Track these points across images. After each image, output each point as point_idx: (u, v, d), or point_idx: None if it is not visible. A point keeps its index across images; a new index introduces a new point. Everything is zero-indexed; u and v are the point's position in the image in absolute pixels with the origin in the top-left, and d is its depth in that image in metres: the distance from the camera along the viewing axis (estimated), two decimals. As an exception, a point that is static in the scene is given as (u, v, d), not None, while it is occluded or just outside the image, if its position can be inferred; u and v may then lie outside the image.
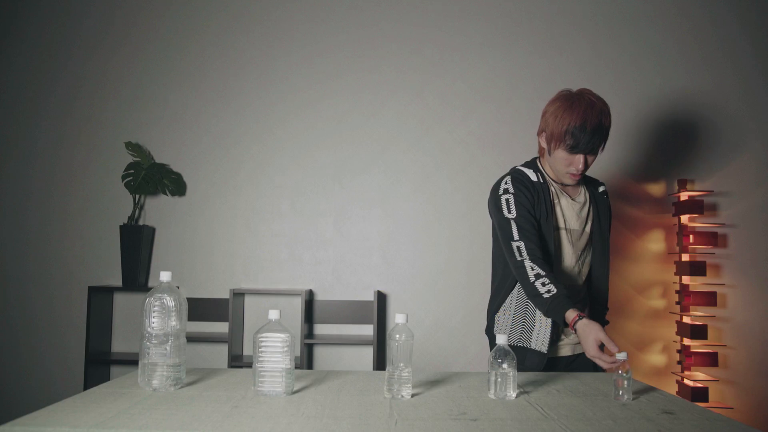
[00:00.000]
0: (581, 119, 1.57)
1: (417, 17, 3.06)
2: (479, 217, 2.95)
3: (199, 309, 2.96)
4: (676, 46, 3.01)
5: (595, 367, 1.70)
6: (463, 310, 2.93)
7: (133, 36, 3.11)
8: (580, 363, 1.71)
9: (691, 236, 2.81)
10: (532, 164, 1.76)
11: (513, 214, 1.63)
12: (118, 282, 2.98)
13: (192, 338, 2.73)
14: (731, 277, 2.87)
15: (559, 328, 1.67)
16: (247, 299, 3.00)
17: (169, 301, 1.27)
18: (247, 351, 2.94)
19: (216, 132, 3.07)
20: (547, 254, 1.62)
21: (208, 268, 3.01)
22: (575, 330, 1.44)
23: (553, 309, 1.48)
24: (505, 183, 1.69)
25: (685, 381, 2.70)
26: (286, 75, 3.07)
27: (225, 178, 3.05)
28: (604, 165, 2.97)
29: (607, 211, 1.77)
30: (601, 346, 1.42)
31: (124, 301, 3.03)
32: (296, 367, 1.73)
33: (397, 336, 1.23)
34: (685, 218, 2.84)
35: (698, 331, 2.67)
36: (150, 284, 2.98)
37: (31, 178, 3.07)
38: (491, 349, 1.77)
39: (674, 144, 2.97)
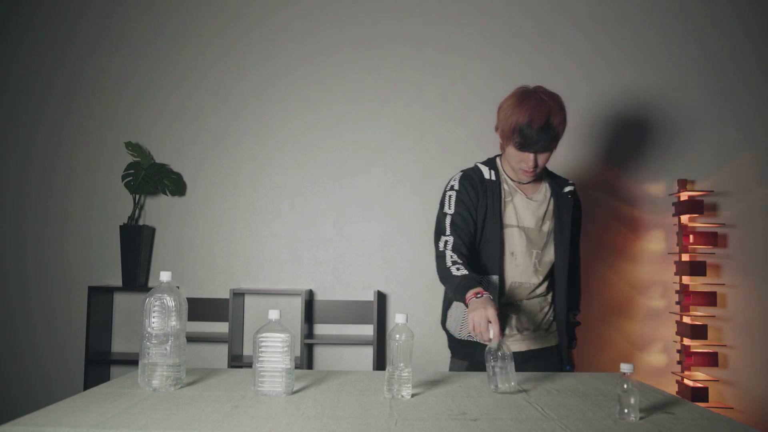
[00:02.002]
0: (528, 117, 1.58)
1: (417, 17, 3.06)
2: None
3: (199, 309, 2.96)
4: (676, 45, 3.01)
5: (553, 366, 1.73)
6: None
7: (133, 36, 3.11)
8: (537, 360, 1.71)
9: (691, 236, 2.81)
10: (490, 161, 1.79)
11: (451, 211, 1.67)
12: (118, 282, 2.98)
13: (192, 338, 2.73)
14: (731, 277, 2.87)
15: (508, 325, 1.70)
16: (247, 299, 3.00)
17: (169, 301, 1.27)
18: (247, 351, 2.94)
19: (216, 132, 3.07)
20: (492, 253, 1.64)
21: (208, 268, 3.01)
22: (467, 305, 1.42)
23: (461, 286, 1.47)
24: (454, 180, 1.73)
25: (685, 381, 2.70)
26: (286, 75, 3.07)
27: (225, 178, 3.05)
28: (604, 165, 2.97)
29: (570, 211, 1.74)
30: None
31: (124, 301, 3.03)
32: (296, 367, 1.73)
33: (397, 336, 1.23)
34: (685, 218, 2.84)
35: (698, 331, 2.67)
36: (150, 284, 2.98)
37: (31, 178, 3.07)
38: (449, 344, 1.80)
39: (674, 144, 2.97)
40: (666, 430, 1.05)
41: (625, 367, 1.12)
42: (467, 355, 1.72)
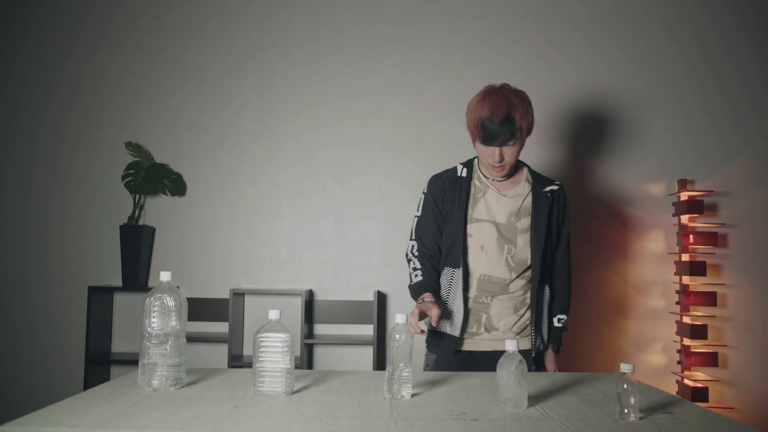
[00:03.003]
0: (489, 111, 1.64)
1: (417, 18, 3.06)
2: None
3: (199, 309, 2.96)
4: (676, 45, 3.01)
5: (532, 366, 1.76)
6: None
7: (133, 36, 3.11)
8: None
9: (691, 236, 2.81)
10: (468, 162, 1.83)
11: (419, 213, 1.81)
12: (118, 282, 2.98)
13: (192, 338, 2.72)
14: (731, 277, 2.87)
15: (476, 322, 1.73)
16: (247, 299, 3.00)
17: (169, 301, 1.27)
18: (247, 351, 2.94)
19: (216, 132, 3.07)
20: (457, 246, 1.72)
21: (208, 268, 3.01)
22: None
23: (413, 292, 1.70)
24: (427, 183, 1.82)
25: (685, 381, 2.70)
26: (286, 75, 3.08)
27: (225, 178, 3.05)
28: (604, 165, 2.97)
29: (546, 210, 1.74)
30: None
31: (124, 301, 3.03)
32: (296, 367, 1.73)
33: (397, 336, 1.23)
34: (685, 218, 2.84)
35: (698, 331, 2.67)
36: (150, 284, 2.98)
37: (32, 178, 3.07)
38: (427, 336, 1.82)
39: (674, 144, 2.97)
40: (666, 430, 1.05)
41: (625, 367, 1.12)
42: (437, 348, 1.77)
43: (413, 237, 1.79)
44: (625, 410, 1.10)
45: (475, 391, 1.32)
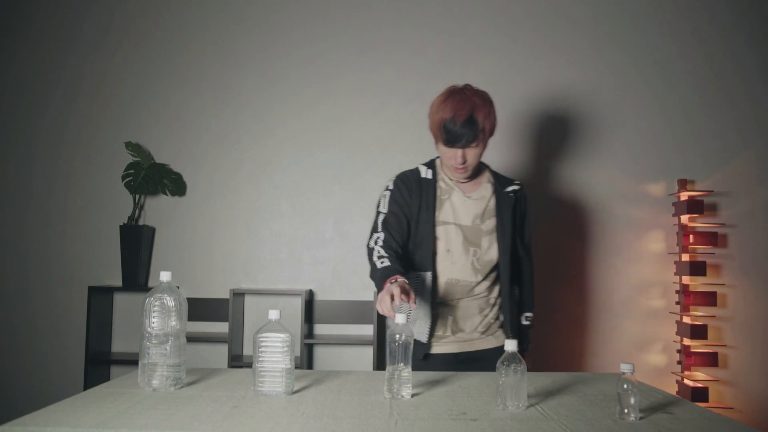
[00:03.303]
0: (452, 112, 1.63)
1: (417, 18, 3.06)
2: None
3: (199, 309, 2.96)
4: (677, 45, 3.01)
5: (487, 369, 1.73)
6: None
7: (133, 36, 3.11)
8: (469, 363, 1.72)
9: (691, 236, 2.81)
10: (430, 162, 1.82)
11: (384, 210, 1.73)
12: (118, 282, 2.98)
13: (192, 338, 2.72)
14: (731, 277, 2.87)
15: (442, 325, 1.72)
16: (247, 299, 3.00)
17: (169, 301, 1.27)
18: (247, 351, 2.94)
19: (216, 132, 3.07)
20: (426, 249, 1.68)
21: (208, 268, 3.01)
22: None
23: (381, 278, 1.54)
24: (390, 181, 1.79)
25: (685, 381, 2.70)
26: (286, 75, 3.07)
27: (225, 178, 3.05)
28: (603, 165, 2.97)
29: (510, 210, 1.76)
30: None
31: (124, 301, 3.03)
32: (296, 367, 1.73)
33: (397, 336, 1.23)
34: (685, 218, 2.84)
35: (698, 331, 2.67)
36: (150, 284, 2.98)
37: (32, 178, 3.07)
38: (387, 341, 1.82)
39: (674, 144, 2.97)
40: (666, 430, 1.05)
41: (625, 367, 1.12)
42: None
43: (379, 230, 1.69)
44: (625, 410, 1.10)
45: (475, 391, 1.32)
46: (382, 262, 1.59)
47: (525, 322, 1.87)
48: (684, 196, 2.83)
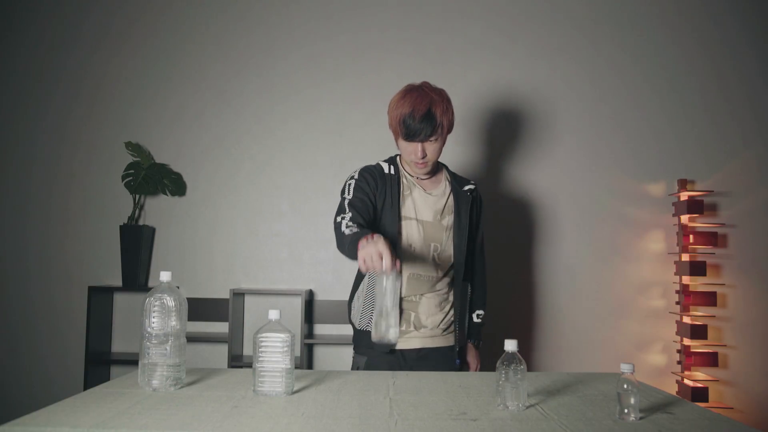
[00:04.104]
0: (410, 107, 1.67)
1: (417, 19, 3.06)
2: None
3: (199, 309, 2.96)
4: (677, 45, 3.01)
5: (446, 366, 1.76)
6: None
7: (133, 36, 3.11)
8: (431, 359, 1.74)
9: (691, 236, 2.81)
10: (390, 159, 1.86)
11: (350, 196, 1.73)
12: (118, 282, 2.98)
13: (192, 338, 2.72)
14: (731, 277, 2.87)
15: (405, 320, 1.74)
16: (247, 299, 3.00)
17: (169, 301, 1.27)
18: (247, 351, 2.94)
19: (216, 132, 3.07)
20: (393, 244, 1.65)
21: (208, 268, 3.01)
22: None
23: (353, 241, 1.45)
24: (354, 172, 1.80)
25: (685, 381, 2.70)
26: (286, 75, 3.07)
27: (225, 178, 3.05)
28: (603, 165, 2.97)
29: (468, 208, 1.80)
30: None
31: (124, 301, 3.03)
32: (296, 367, 1.73)
33: (385, 278, 1.21)
34: (685, 218, 2.84)
35: (698, 331, 2.67)
36: (150, 284, 2.98)
37: (32, 179, 3.07)
38: (353, 338, 1.85)
39: (674, 144, 2.97)
40: (666, 430, 1.05)
41: (625, 367, 1.11)
42: (367, 349, 1.76)
43: (346, 211, 1.64)
44: (625, 410, 1.10)
45: (475, 391, 1.32)
46: (351, 229, 1.54)
47: (477, 320, 1.93)
48: (684, 196, 2.83)
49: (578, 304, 2.92)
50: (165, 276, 1.30)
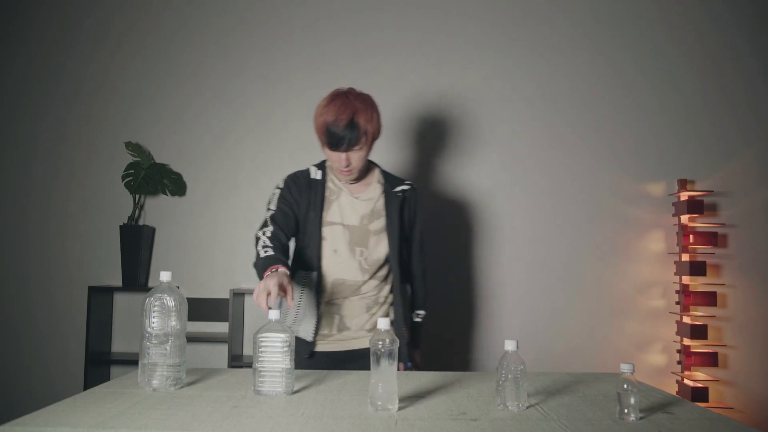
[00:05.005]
0: (334, 116, 1.69)
1: (417, 19, 3.06)
2: (478, 216, 2.96)
3: (199, 309, 2.95)
4: (677, 45, 3.00)
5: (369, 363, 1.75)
6: (462, 310, 2.93)
7: (133, 36, 3.11)
8: (357, 361, 1.73)
9: (691, 236, 2.81)
10: (321, 163, 1.86)
11: (273, 207, 1.76)
12: (118, 282, 2.98)
13: (192, 338, 2.72)
14: (731, 277, 2.87)
15: (327, 324, 1.74)
16: (247, 299, 3.00)
17: (169, 301, 1.27)
18: (247, 351, 2.94)
19: (216, 132, 3.07)
20: (313, 249, 1.71)
21: (208, 268, 3.01)
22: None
23: (263, 267, 1.54)
24: (281, 180, 1.83)
25: (685, 381, 2.70)
26: (286, 75, 3.07)
27: (225, 178, 3.05)
28: (603, 165, 2.97)
29: (398, 210, 1.80)
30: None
31: (124, 301, 3.03)
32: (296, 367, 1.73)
33: (380, 343, 1.12)
34: (685, 218, 2.84)
35: (698, 331, 2.67)
36: (150, 284, 2.98)
37: (32, 178, 3.07)
38: None
39: (674, 144, 2.97)
40: (666, 430, 1.05)
41: (625, 367, 1.11)
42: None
43: (268, 224, 1.71)
44: (625, 410, 1.10)
45: (475, 391, 1.32)
46: (266, 252, 1.61)
47: (417, 320, 1.93)
48: (684, 196, 2.83)
49: (578, 304, 2.92)
50: (165, 276, 1.30)
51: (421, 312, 1.96)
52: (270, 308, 1.33)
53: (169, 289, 1.29)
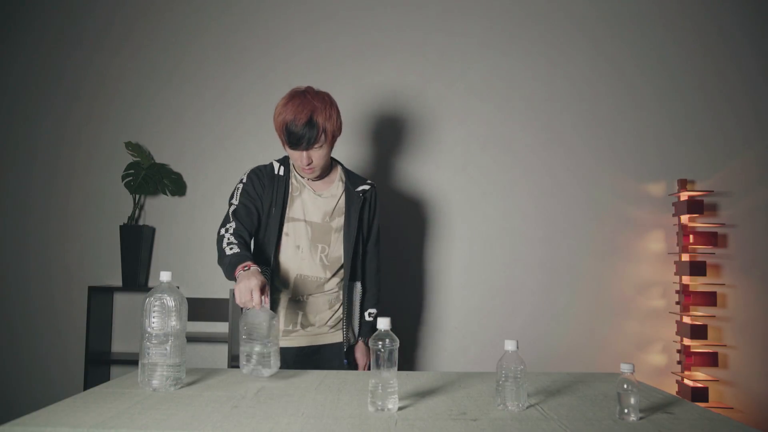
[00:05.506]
0: (292, 115, 1.69)
1: (417, 19, 3.06)
2: (478, 216, 2.96)
3: (199, 309, 2.95)
4: (677, 45, 3.01)
5: (334, 363, 1.79)
6: (462, 310, 2.93)
7: (134, 36, 3.11)
8: (318, 356, 1.78)
9: (691, 236, 2.81)
10: (284, 159, 1.87)
11: (236, 202, 1.76)
12: (118, 282, 2.98)
13: (192, 338, 2.72)
14: (731, 277, 2.87)
15: (291, 320, 1.77)
16: (247, 299, 3.00)
17: (169, 301, 1.27)
18: (247, 351, 2.94)
19: (216, 132, 3.07)
20: (275, 245, 1.73)
21: (208, 268, 3.01)
22: (236, 277, 1.50)
23: (231, 264, 1.55)
24: (244, 174, 1.82)
25: (685, 381, 2.70)
26: (287, 76, 3.07)
27: (225, 178, 3.05)
28: (604, 164, 2.97)
29: (358, 209, 1.82)
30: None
31: (124, 301, 3.03)
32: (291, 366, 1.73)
33: (380, 344, 1.13)
34: (685, 218, 2.84)
35: (698, 331, 2.67)
36: (150, 284, 2.98)
37: (32, 178, 3.07)
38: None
39: (674, 144, 2.97)
40: (666, 430, 1.05)
41: (625, 367, 1.12)
42: None
43: (230, 220, 1.71)
44: (625, 410, 1.10)
45: (475, 391, 1.32)
46: (231, 249, 1.61)
47: (368, 318, 1.94)
48: (684, 196, 2.83)
49: (578, 304, 2.92)
50: (165, 276, 1.30)
51: (374, 311, 1.94)
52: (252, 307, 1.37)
53: (169, 289, 1.29)
